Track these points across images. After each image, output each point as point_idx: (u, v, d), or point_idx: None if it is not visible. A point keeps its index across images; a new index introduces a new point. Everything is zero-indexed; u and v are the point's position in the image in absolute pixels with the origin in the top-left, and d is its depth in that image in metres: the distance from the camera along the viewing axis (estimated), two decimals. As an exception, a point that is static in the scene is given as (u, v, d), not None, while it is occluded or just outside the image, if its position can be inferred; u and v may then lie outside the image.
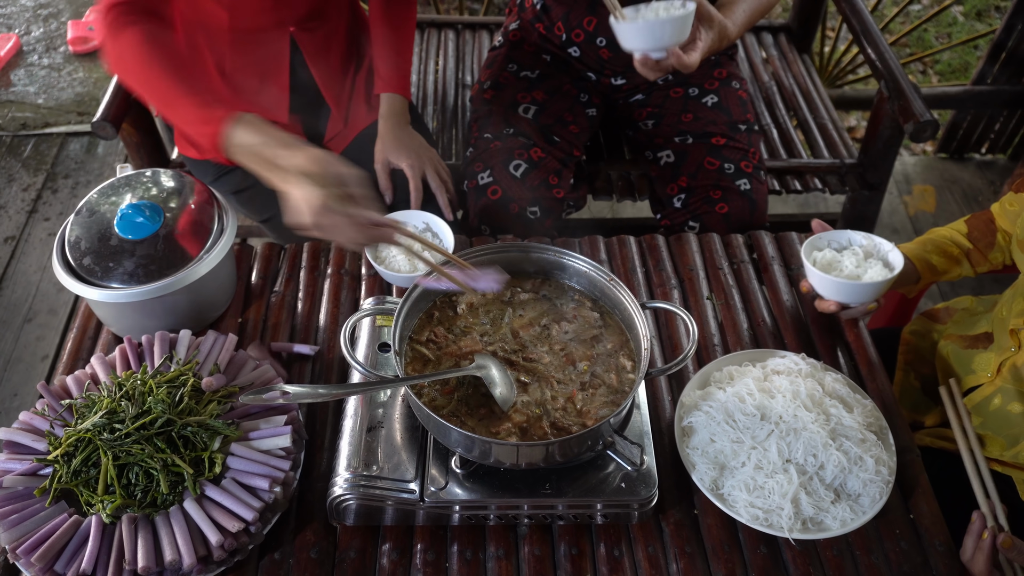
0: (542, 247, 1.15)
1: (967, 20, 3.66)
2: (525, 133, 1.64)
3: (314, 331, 1.27)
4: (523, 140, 1.63)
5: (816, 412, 1.08)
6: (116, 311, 1.18)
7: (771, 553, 1.03)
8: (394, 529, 1.04)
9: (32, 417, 1.06)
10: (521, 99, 1.69)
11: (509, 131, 1.64)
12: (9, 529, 0.95)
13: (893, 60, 1.86)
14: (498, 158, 1.61)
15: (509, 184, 1.59)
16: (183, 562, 0.94)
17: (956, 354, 1.32)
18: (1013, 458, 1.21)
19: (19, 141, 2.92)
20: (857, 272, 1.22)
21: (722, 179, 1.61)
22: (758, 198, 1.62)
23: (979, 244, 1.33)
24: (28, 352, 2.25)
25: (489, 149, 1.64)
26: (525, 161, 1.61)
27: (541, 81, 1.72)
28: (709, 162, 1.64)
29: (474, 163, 1.64)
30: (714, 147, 1.65)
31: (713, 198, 1.60)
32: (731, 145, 1.65)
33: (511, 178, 1.59)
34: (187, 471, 0.99)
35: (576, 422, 1.01)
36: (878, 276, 1.21)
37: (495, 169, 1.60)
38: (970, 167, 2.93)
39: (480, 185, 1.61)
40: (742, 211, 1.60)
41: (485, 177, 1.61)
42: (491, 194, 1.59)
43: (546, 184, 1.61)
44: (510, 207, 1.58)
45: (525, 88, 1.71)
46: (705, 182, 1.62)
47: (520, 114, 1.67)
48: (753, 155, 1.67)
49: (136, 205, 1.20)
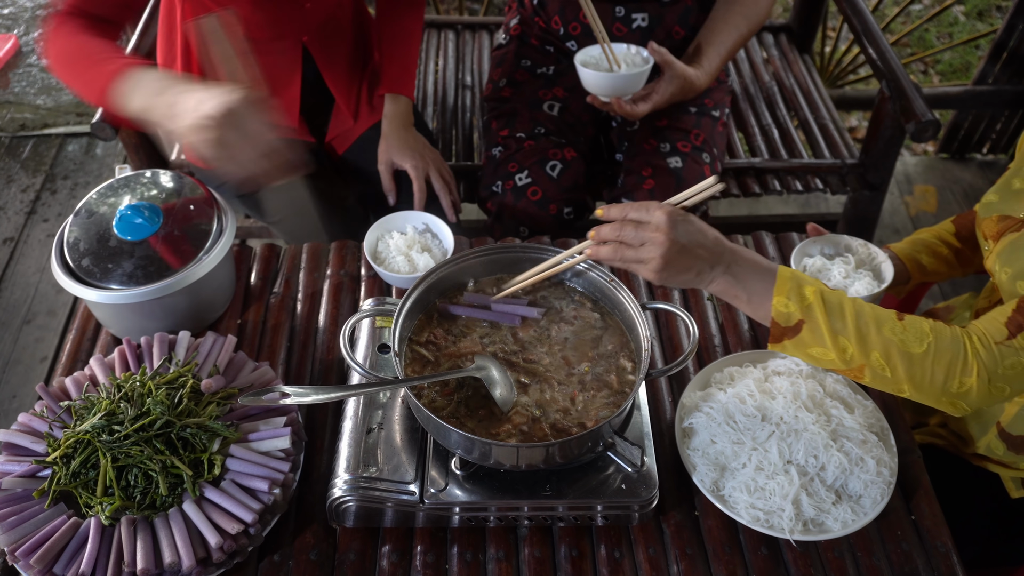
0: (541, 247, 1.15)
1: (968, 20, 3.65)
2: (555, 132, 1.65)
3: (313, 332, 1.27)
4: (555, 139, 1.64)
5: (817, 413, 1.08)
6: (115, 312, 1.18)
7: (772, 554, 1.03)
8: (394, 531, 1.03)
9: (31, 419, 1.06)
10: (544, 96, 1.69)
11: (540, 130, 1.64)
12: (8, 531, 0.95)
13: (894, 60, 1.86)
14: (533, 158, 1.61)
15: (547, 184, 1.59)
16: (182, 564, 0.93)
17: None
18: (986, 450, 1.21)
19: (18, 142, 2.92)
20: (845, 283, 1.22)
21: (655, 157, 1.62)
22: (688, 176, 1.61)
23: (967, 244, 1.33)
24: (27, 353, 2.25)
25: (524, 149, 1.63)
26: (559, 161, 1.61)
27: (557, 78, 1.72)
28: (649, 142, 1.65)
29: (507, 163, 1.63)
30: (657, 128, 1.67)
31: (643, 175, 1.61)
32: (673, 126, 1.66)
33: (548, 179, 1.59)
34: (186, 473, 0.98)
35: (576, 423, 1.01)
36: (863, 290, 1.19)
37: (532, 170, 1.60)
38: (971, 167, 2.92)
39: (519, 187, 1.60)
40: (667, 187, 1.59)
41: (524, 178, 1.59)
42: (531, 195, 1.58)
43: (576, 186, 1.61)
44: (549, 208, 1.58)
45: (544, 85, 1.71)
46: (640, 161, 1.63)
47: (546, 111, 1.67)
48: (696, 136, 1.66)
49: (135, 206, 1.20)
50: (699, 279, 0.98)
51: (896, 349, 0.94)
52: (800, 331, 0.96)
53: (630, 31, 1.64)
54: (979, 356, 0.94)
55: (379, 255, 1.31)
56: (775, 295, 0.96)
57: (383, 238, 1.34)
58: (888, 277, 1.21)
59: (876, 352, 0.95)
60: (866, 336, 0.95)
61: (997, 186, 1.15)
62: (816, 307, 0.95)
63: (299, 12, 1.46)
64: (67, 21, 1.21)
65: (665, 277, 0.96)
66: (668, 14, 1.64)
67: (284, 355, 1.23)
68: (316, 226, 1.59)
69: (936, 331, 0.95)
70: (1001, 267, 1.06)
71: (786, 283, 0.96)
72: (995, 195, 1.14)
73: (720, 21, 1.59)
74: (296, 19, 1.47)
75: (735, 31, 1.58)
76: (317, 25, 1.51)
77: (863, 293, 1.19)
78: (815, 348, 0.96)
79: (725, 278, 0.97)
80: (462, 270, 1.14)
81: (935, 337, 0.94)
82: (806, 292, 0.96)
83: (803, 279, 0.97)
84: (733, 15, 1.59)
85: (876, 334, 0.95)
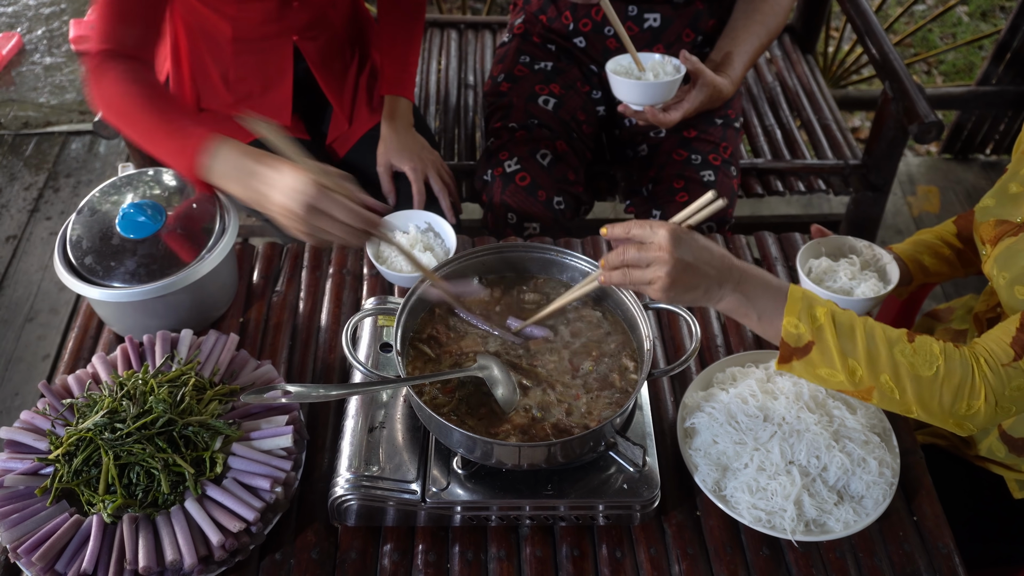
0: (544, 247, 1.15)
1: (972, 20, 3.65)
2: (548, 125, 1.65)
3: (315, 331, 1.27)
4: (547, 132, 1.64)
5: (819, 413, 1.07)
6: (117, 310, 1.18)
7: (773, 555, 1.03)
8: (395, 530, 1.03)
9: (33, 416, 1.06)
10: (540, 91, 1.69)
11: (534, 121, 1.65)
12: (10, 528, 0.95)
13: (897, 60, 1.85)
14: (525, 147, 1.61)
15: (537, 172, 1.59)
16: (184, 562, 0.93)
17: None
18: (988, 452, 1.21)
19: (21, 140, 2.92)
20: (851, 284, 1.21)
21: (687, 169, 1.62)
22: (721, 190, 1.61)
23: (969, 245, 1.33)
24: (29, 351, 2.25)
25: (515, 138, 1.64)
26: (551, 151, 1.61)
27: (555, 75, 1.72)
28: (678, 153, 1.64)
29: (498, 152, 1.63)
30: (685, 139, 1.66)
31: (675, 187, 1.61)
32: (702, 138, 1.66)
33: (539, 166, 1.59)
34: (188, 471, 0.99)
35: (578, 423, 1.01)
36: (869, 291, 1.19)
37: (522, 157, 1.60)
38: (974, 168, 2.92)
39: (507, 172, 1.60)
40: None
41: (512, 164, 1.60)
42: (519, 180, 1.58)
43: (566, 179, 1.61)
44: (538, 194, 1.58)
45: (542, 80, 1.71)
46: (671, 172, 1.63)
47: (541, 105, 1.67)
48: (724, 149, 1.66)
49: (138, 204, 1.20)
50: (707, 297, 0.97)
51: (906, 371, 0.94)
52: (809, 352, 0.96)
53: (641, 31, 1.64)
54: (987, 379, 0.94)
55: (381, 254, 1.31)
56: (785, 315, 0.95)
57: (385, 237, 1.33)
58: (894, 278, 1.21)
59: (886, 374, 0.94)
60: (876, 358, 0.94)
61: (994, 190, 1.15)
62: (827, 328, 0.95)
63: (288, 11, 1.45)
64: (108, 67, 1.19)
65: (673, 296, 0.96)
66: (680, 16, 1.64)
67: (286, 354, 1.23)
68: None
69: (946, 354, 0.95)
70: (999, 272, 1.06)
71: (797, 303, 0.96)
72: (992, 199, 1.14)
73: (742, 29, 1.59)
74: (285, 17, 1.46)
75: (756, 39, 1.59)
76: (307, 24, 1.50)
77: (869, 294, 1.19)
78: (824, 369, 0.96)
79: (734, 296, 0.97)
80: (464, 269, 1.14)
81: (944, 360, 0.94)
82: (817, 313, 0.95)
83: (814, 299, 0.97)
84: (754, 23, 1.59)
85: (886, 356, 0.94)
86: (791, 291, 0.97)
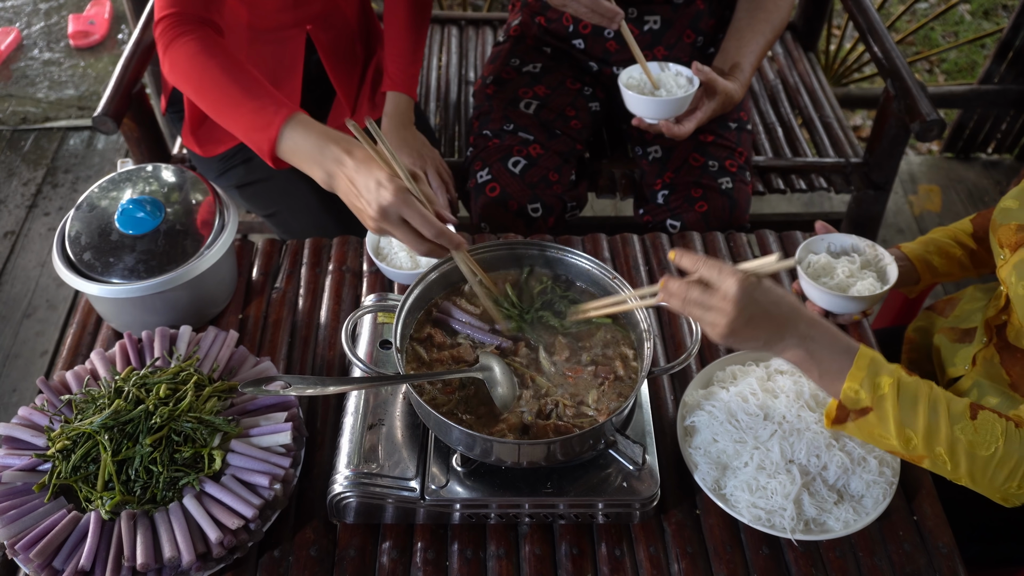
0: (544, 244, 1.14)
1: (974, 19, 3.64)
2: (525, 128, 1.64)
3: (315, 328, 1.26)
4: (522, 136, 1.63)
5: (819, 412, 1.07)
6: (116, 306, 1.18)
7: (773, 554, 1.03)
8: (394, 527, 1.03)
9: (31, 412, 1.06)
10: (523, 94, 1.69)
11: (508, 127, 1.64)
12: (7, 525, 0.94)
13: (899, 59, 1.85)
14: (496, 156, 1.61)
15: (508, 181, 1.58)
16: (182, 559, 0.93)
17: (946, 347, 1.31)
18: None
19: (19, 135, 2.91)
20: (848, 282, 1.21)
21: (704, 176, 1.60)
22: (739, 198, 1.61)
23: (984, 245, 1.31)
24: (27, 347, 2.25)
25: (488, 147, 1.63)
26: (524, 158, 1.60)
27: (543, 75, 1.71)
28: (695, 158, 1.62)
29: (474, 162, 1.64)
30: (701, 143, 1.64)
31: (694, 196, 1.59)
32: (718, 143, 1.64)
33: (510, 175, 1.59)
34: (187, 468, 0.98)
35: (578, 421, 1.00)
36: (866, 290, 1.19)
37: (493, 167, 1.60)
38: (976, 167, 2.91)
39: (479, 183, 1.60)
40: (722, 210, 1.58)
41: (484, 175, 1.60)
42: (489, 192, 1.59)
43: (546, 181, 1.60)
44: (509, 204, 1.57)
45: (527, 83, 1.70)
46: (688, 179, 1.61)
47: (521, 109, 1.67)
48: (740, 154, 1.65)
49: (137, 200, 1.20)
50: (767, 347, 0.94)
51: (963, 449, 0.93)
52: (866, 415, 0.94)
53: (642, 33, 1.63)
54: None
55: (381, 251, 1.31)
56: (847, 380, 0.93)
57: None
58: (892, 279, 1.21)
59: (941, 448, 0.93)
60: (935, 433, 0.93)
61: (1016, 191, 1.12)
62: (889, 399, 0.93)
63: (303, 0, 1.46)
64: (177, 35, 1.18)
65: (731, 343, 0.94)
66: (680, 17, 1.63)
67: (285, 351, 1.23)
68: (318, 221, 1.59)
69: (1007, 435, 0.93)
70: (1017, 280, 1.04)
71: (862, 370, 0.93)
72: (1014, 201, 1.11)
73: (747, 29, 1.58)
74: (300, 6, 1.47)
75: (762, 38, 1.57)
76: (320, 14, 1.51)
77: (865, 293, 1.18)
78: (878, 431, 0.94)
79: (798, 351, 0.94)
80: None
81: (1005, 441, 0.92)
82: (882, 382, 0.93)
83: (881, 365, 0.94)
84: (758, 21, 1.58)
85: (946, 432, 0.93)
86: (859, 354, 0.94)
